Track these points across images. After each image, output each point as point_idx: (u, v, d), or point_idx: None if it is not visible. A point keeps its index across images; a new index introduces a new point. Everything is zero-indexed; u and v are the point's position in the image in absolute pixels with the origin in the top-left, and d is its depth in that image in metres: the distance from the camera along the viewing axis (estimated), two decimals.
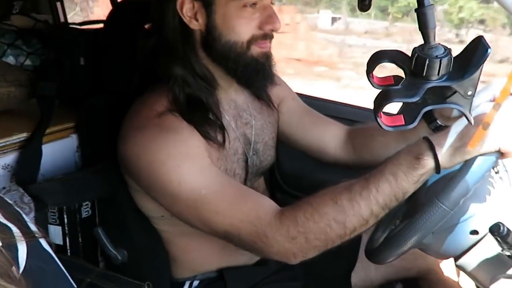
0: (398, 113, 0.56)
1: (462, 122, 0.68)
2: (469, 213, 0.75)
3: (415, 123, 0.55)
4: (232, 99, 1.01)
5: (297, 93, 1.21)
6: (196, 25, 0.88)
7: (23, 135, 1.06)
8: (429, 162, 0.70)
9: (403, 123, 0.55)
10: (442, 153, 0.70)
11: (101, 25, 1.27)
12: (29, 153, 1.04)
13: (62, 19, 1.80)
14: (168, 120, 0.87)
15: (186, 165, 0.84)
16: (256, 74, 0.91)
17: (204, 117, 0.90)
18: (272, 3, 0.91)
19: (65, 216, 1.04)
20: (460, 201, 0.69)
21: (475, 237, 0.76)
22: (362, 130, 1.13)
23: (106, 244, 1.07)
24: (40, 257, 0.52)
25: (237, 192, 0.86)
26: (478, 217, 0.75)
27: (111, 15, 1.16)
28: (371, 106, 1.49)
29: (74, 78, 1.18)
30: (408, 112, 0.55)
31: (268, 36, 0.90)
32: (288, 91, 1.17)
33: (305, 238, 0.78)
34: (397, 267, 1.16)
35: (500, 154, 0.69)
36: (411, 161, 0.71)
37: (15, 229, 0.50)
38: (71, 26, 1.31)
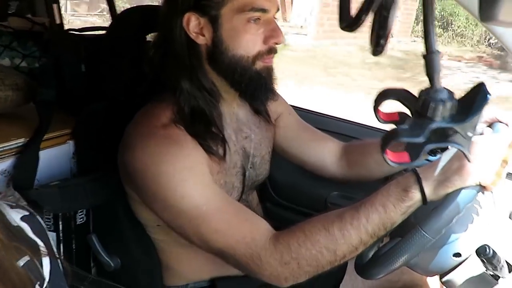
0: (404, 149, 0.60)
1: (446, 157, 0.72)
2: (453, 236, 0.79)
3: (419, 160, 0.58)
4: (234, 113, 1.04)
5: (294, 106, 1.24)
6: (203, 40, 0.90)
7: (20, 141, 1.06)
8: (416, 195, 0.75)
9: (408, 160, 0.59)
10: (428, 186, 0.74)
11: (100, 32, 1.29)
12: (27, 159, 1.04)
13: (58, 21, 1.80)
14: (173, 132, 0.89)
15: (191, 181, 0.85)
16: (259, 88, 0.93)
17: (207, 130, 0.92)
18: (274, 17, 0.94)
19: (60, 222, 1.05)
20: (442, 230, 0.73)
21: (458, 259, 0.80)
22: (358, 147, 1.16)
23: (99, 251, 1.08)
24: (58, 274, 0.53)
25: (235, 212, 0.87)
26: (462, 241, 0.79)
27: (112, 23, 1.17)
28: (367, 122, 1.52)
29: (73, 84, 1.18)
30: (412, 149, 0.59)
31: (272, 51, 0.93)
32: (285, 106, 1.20)
33: (297, 263, 0.81)
34: (383, 280, 1.18)
35: (482, 187, 0.73)
36: (399, 193, 0.76)
37: (42, 245, 0.51)
38: (70, 31, 1.32)
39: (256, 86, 0.93)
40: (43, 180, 1.09)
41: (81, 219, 1.09)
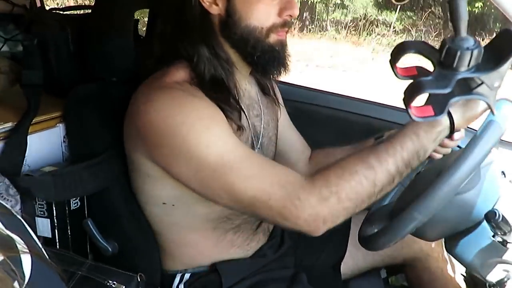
0: (426, 104, 0.58)
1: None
2: None
3: (444, 114, 0.57)
4: (247, 89, 1.02)
5: (288, 83, 1.22)
6: (216, 10, 0.89)
7: (8, 125, 1.01)
8: (445, 120, 0.76)
9: (433, 113, 0.57)
10: (456, 113, 0.76)
11: (83, 11, 1.23)
12: (14, 144, 0.99)
13: (38, 4, 1.72)
14: (190, 89, 0.87)
15: (216, 129, 0.83)
16: (272, 61, 0.92)
17: (225, 98, 0.90)
18: None
19: (54, 208, 1.01)
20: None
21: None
22: (322, 151, 1.21)
23: (96, 236, 1.05)
24: (43, 271, 0.49)
25: (263, 160, 0.86)
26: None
27: (97, 1, 1.13)
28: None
29: (60, 66, 1.14)
30: (436, 103, 0.57)
31: (287, 24, 0.91)
32: (281, 102, 1.19)
33: (337, 198, 0.78)
34: (383, 255, 1.19)
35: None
36: None
37: (18, 240, 0.46)
38: (54, 11, 1.26)
39: (268, 60, 0.91)
40: (34, 165, 1.05)
41: (75, 204, 1.06)
